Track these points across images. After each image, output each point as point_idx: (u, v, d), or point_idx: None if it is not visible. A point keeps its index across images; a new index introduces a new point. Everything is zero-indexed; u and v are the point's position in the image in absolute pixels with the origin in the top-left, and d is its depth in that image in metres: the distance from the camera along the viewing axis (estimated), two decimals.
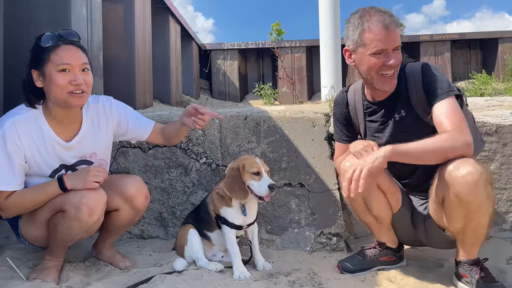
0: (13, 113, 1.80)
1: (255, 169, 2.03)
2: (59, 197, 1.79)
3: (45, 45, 1.75)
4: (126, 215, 2.02)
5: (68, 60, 1.76)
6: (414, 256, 2.33)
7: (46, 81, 1.77)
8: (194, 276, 1.97)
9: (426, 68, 1.89)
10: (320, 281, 1.97)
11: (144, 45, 4.18)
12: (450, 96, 1.79)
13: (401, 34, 7.67)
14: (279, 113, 2.56)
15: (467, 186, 1.64)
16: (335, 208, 2.44)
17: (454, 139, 1.70)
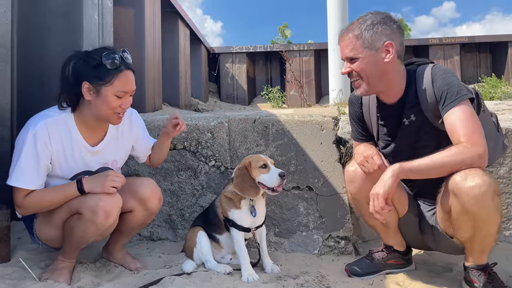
0: (46, 115, 1.85)
1: (262, 162, 2.07)
2: (76, 199, 1.82)
3: (110, 68, 1.77)
4: (139, 216, 2.05)
5: (127, 88, 1.82)
6: (422, 260, 2.32)
7: (98, 98, 1.80)
8: (203, 278, 1.99)
9: (436, 71, 1.84)
10: (328, 284, 1.97)
11: (154, 49, 4.23)
12: (462, 102, 1.73)
13: (409, 38, 7.65)
14: (287, 116, 2.57)
15: (474, 198, 1.62)
16: (343, 211, 2.45)
17: (463, 153, 1.66)
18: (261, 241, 2.22)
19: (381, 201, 1.71)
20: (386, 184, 1.72)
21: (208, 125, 2.59)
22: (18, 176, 1.77)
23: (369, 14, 1.85)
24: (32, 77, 2.74)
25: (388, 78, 1.86)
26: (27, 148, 1.76)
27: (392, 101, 1.94)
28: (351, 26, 1.87)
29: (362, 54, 1.82)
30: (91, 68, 1.78)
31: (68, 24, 2.73)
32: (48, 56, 2.74)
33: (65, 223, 1.88)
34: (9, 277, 1.89)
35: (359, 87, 1.89)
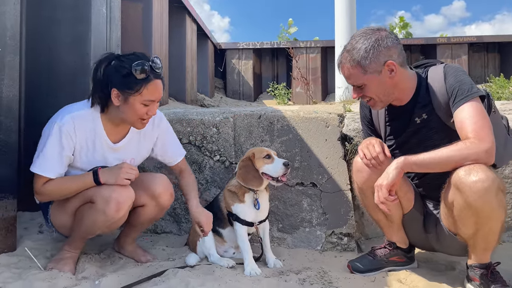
0: (74, 108, 1.92)
1: (265, 153, 2.11)
2: (91, 188, 1.88)
3: (139, 77, 1.80)
4: (151, 211, 2.09)
5: (155, 97, 1.87)
6: (425, 258, 2.33)
7: (126, 105, 1.86)
8: (206, 271, 2.00)
9: (449, 70, 1.85)
10: (330, 279, 1.98)
11: (161, 44, 4.25)
12: (473, 99, 1.73)
13: (410, 34, 7.57)
14: (293, 112, 2.58)
15: (477, 193, 1.63)
16: (346, 208, 2.46)
17: (469, 148, 1.66)
18: (264, 236, 2.23)
19: (384, 192, 1.73)
20: (390, 175, 1.74)
21: (214, 120, 2.60)
22: (41, 164, 1.84)
23: (360, 39, 1.85)
24: (40, 69, 2.76)
25: (399, 88, 1.90)
26: (53, 138, 1.83)
27: (403, 103, 1.96)
28: (346, 55, 1.88)
29: (367, 81, 1.85)
30: (121, 76, 1.82)
31: (76, 17, 2.74)
32: (56, 48, 2.76)
33: (77, 211, 1.94)
34: (15, 266, 1.92)
35: (375, 105, 1.95)
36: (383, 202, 1.76)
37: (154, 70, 1.84)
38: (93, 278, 1.87)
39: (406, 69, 1.91)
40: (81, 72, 2.76)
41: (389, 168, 1.76)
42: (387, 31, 1.88)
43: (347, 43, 1.92)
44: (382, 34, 1.85)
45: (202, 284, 1.83)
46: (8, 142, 2.05)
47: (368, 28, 1.89)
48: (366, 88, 1.88)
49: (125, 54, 1.91)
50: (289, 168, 2.08)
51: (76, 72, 2.76)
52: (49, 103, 2.74)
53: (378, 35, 1.84)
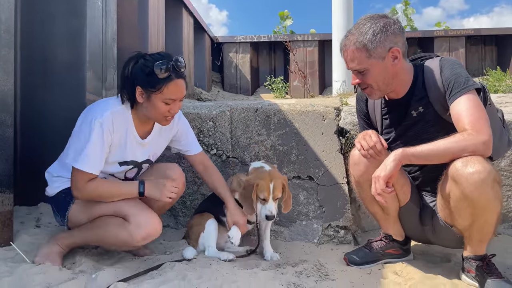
0: (110, 105, 1.95)
1: (262, 195, 2.09)
2: (130, 206, 1.93)
3: (161, 77, 1.84)
4: None
5: (176, 96, 1.91)
6: (421, 250, 2.34)
7: (148, 103, 1.91)
8: (203, 264, 2.01)
9: (445, 63, 1.85)
10: (326, 272, 1.99)
11: (157, 38, 4.22)
12: (469, 91, 1.74)
13: (414, 29, 7.57)
14: (289, 106, 2.58)
15: (474, 184, 1.63)
16: (343, 201, 2.46)
17: (467, 140, 1.66)
18: (266, 228, 2.25)
19: (381, 183, 1.73)
20: (388, 167, 1.73)
21: (210, 113, 2.60)
22: (85, 161, 1.85)
23: (367, 23, 1.84)
24: (36, 64, 2.74)
25: (398, 79, 1.90)
26: (95, 135, 1.85)
27: (399, 96, 1.97)
28: (351, 38, 1.86)
29: (370, 66, 1.84)
30: (144, 75, 1.87)
31: (71, 11, 2.72)
32: (51, 43, 2.74)
33: (101, 219, 1.95)
34: (11, 260, 1.92)
35: (371, 94, 1.93)
36: (380, 194, 1.76)
37: (176, 69, 1.87)
38: (90, 271, 1.87)
39: (406, 61, 1.91)
40: (77, 67, 2.74)
41: (387, 160, 1.76)
42: (393, 19, 1.87)
43: (352, 27, 1.90)
44: (390, 20, 1.84)
45: (199, 277, 1.83)
46: (4, 136, 2.04)
47: (374, 14, 1.88)
48: (367, 74, 1.86)
49: (151, 53, 1.94)
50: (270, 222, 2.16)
51: (72, 67, 2.74)
52: (46, 98, 2.74)
53: (386, 20, 1.84)
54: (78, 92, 2.74)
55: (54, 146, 2.58)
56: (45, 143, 2.70)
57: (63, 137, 2.50)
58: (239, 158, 2.57)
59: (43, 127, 2.73)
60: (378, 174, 1.76)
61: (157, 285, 1.73)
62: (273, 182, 2.08)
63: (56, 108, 2.73)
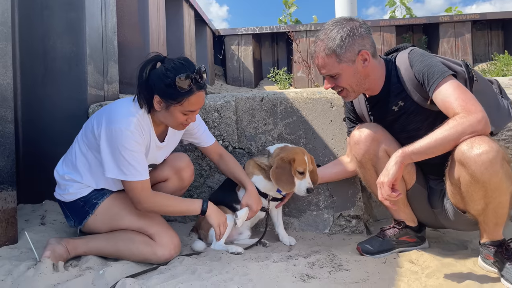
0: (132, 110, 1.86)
1: (301, 169, 2.07)
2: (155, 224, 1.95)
3: (182, 90, 1.78)
4: (172, 185, 2.16)
5: (196, 107, 1.87)
6: (435, 238, 2.28)
7: (166, 112, 1.86)
8: (212, 258, 1.96)
9: (414, 57, 1.86)
10: (340, 262, 1.93)
11: (158, 30, 4.16)
12: (445, 78, 1.74)
13: (414, 17, 7.44)
14: (296, 94, 2.51)
15: (483, 165, 1.59)
16: (354, 190, 2.40)
17: (461, 123, 1.63)
18: (278, 214, 2.27)
19: (386, 189, 1.70)
20: (390, 172, 1.70)
21: (215, 104, 2.53)
22: (133, 172, 1.82)
23: (334, 28, 1.86)
24: (36, 58, 2.69)
25: (370, 78, 1.93)
26: (130, 144, 1.80)
27: (376, 93, 1.99)
28: (321, 44, 1.88)
29: (341, 70, 1.87)
30: (164, 85, 1.79)
31: (69, 2, 2.66)
32: (50, 37, 2.69)
33: (124, 233, 1.94)
34: (16, 258, 1.87)
35: (347, 96, 1.98)
36: (387, 199, 1.73)
37: (198, 82, 1.81)
38: (97, 268, 1.82)
39: (377, 59, 1.93)
40: (77, 61, 2.69)
41: (388, 164, 1.72)
42: (359, 21, 1.89)
43: (320, 33, 1.91)
44: (356, 23, 1.87)
45: (209, 271, 1.78)
46: (4, 132, 1.99)
47: (340, 18, 1.91)
48: (339, 78, 1.89)
49: (172, 59, 1.84)
50: (310, 195, 2.14)
51: (72, 61, 2.70)
52: (47, 93, 2.69)
53: (352, 24, 1.86)
54: (79, 86, 2.68)
55: (57, 142, 2.55)
56: (47, 139, 2.66)
57: (65, 132, 2.47)
58: (246, 148, 2.51)
59: (45, 122, 2.68)
60: (382, 180, 1.72)
61: (166, 280, 1.68)
62: (306, 155, 2.11)
63: (57, 103, 2.68)
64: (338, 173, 2.32)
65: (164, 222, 2.03)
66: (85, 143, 1.95)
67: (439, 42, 6.66)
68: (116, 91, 3.11)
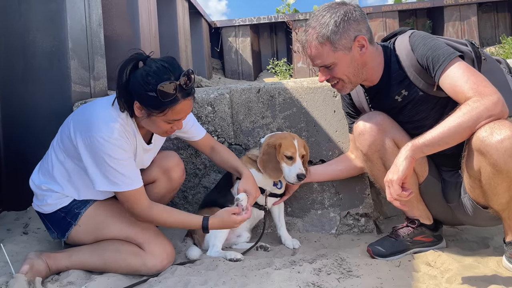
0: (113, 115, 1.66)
1: (289, 153, 1.93)
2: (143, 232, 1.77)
3: (165, 99, 1.56)
4: (161, 186, 2.00)
5: (180, 116, 1.67)
6: (452, 235, 2.09)
7: (148, 120, 1.66)
8: (208, 266, 1.79)
9: (415, 40, 1.69)
10: (349, 267, 1.74)
11: (150, 22, 3.96)
12: (452, 60, 1.57)
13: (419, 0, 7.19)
14: (295, 83, 2.31)
15: (506, 152, 1.42)
16: (362, 186, 2.21)
17: (476, 107, 1.47)
18: (279, 214, 2.12)
19: (396, 188, 1.52)
20: (400, 168, 1.52)
21: (208, 97, 2.34)
22: (127, 180, 1.65)
23: (326, 14, 1.70)
24: (14, 54, 2.52)
25: (368, 67, 1.76)
26: (116, 153, 1.62)
27: (375, 83, 1.82)
28: (312, 32, 1.71)
29: (336, 59, 1.70)
30: (144, 92, 1.57)
31: None
32: (29, 30, 2.51)
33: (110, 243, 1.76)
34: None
35: (343, 88, 1.80)
36: (396, 199, 1.55)
37: (184, 89, 1.59)
38: (80, 283, 1.65)
39: (374, 46, 1.77)
40: (59, 56, 2.51)
41: (397, 160, 1.55)
42: (352, 5, 1.74)
43: (310, 20, 1.75)
44: (350, 7, 1.71)
45: (204, 282, 1.61)
46: None
47: (332, 3, 1.75)
48: (335, 68, 1.72)
49: (155, 59, 1.61)
50: (302, 181, 1.94)
51: (54, 56, 2.52)
52: (28, 91, 2.52)
53: (345, 8, 1.70)
54: (62, 83, 2.51)
55: (39, 145, 2.36)
56: (29, 142, 2.49)
57: (48, 134, 2.27)
58: (243, 144, 2.32)
59: (26, 124, 2.51)
60: (391, 177, 1.54)
61: None
62: (296, 139, 1.97)
63: (39, 102, 2.51)
64: (343, 170, 2.14)
65: (155, 229, 1.85)
66: (62, 150, 1.75)
67: (444, 26, 6.43)
68: (104, 87, 2.92)
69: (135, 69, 1.61)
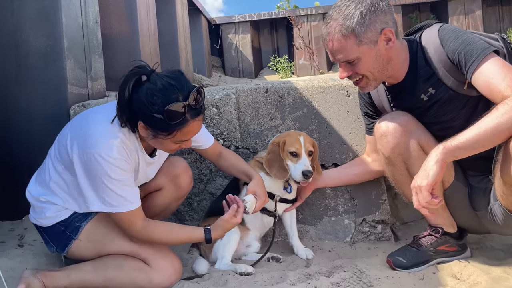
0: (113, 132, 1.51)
1: (293, 149, 1.84)
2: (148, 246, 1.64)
3: (173, 122, 1.43)
4: (168, 195, 1.89)
5: (189, 136, 1.55)
6: (476, 243, 1.97)
7: (155, 140, 1.53)
8: (217, 281, 1.67)
9: (445, 34, 1.57)
10: (370, 281, 1.62)
11: (148, 19, 3.82)
12: (486, 56, 1.45)
13: None
14: (305, 82, 2.18)
15: None
16: (378, 190, 2.08)
17: None
18: (291, 222, 2.01)
19: (426, 195, 1.41)
20: (430, 173, 1.40)
21: (213, 98, 2.20)
22: (125, 202, 1.52)
23: (351, 4, 1.56)
24: (7, 53, 2.38)
25: (393, 63, 1.64)
26: (115, 173, 1.49)
27: (399, 80, 1.70)
28: (335, 25, 1.57)
29: (361, 54, 1.58)
30: (150, 114, 1.43)
31: None
32: (22, 29, 2.37)
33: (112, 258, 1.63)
34: None
35: (366, 86, 1.68)
36: (425, 207, 1.44)
37: (194, 108, 1.45)
38: None
39: (399, 40, 1.66)
40: (54, 56, 2.38)
41: (427, 164, 1.43)
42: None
43: (331, 12, 1.61)
44: None
45: None
46: None
47: None
48: (359, 64, 1.60)
49: (160, 75, 1.46)
50: (309, 179, 1.82)
51: (48, 56, 2.38)
52: (21, 92, 2.39)
53: None
54: (58, 85, 2.37)
55: (34, 151, 2.23)
56: (23, 146, 2.35)
57: (43, 138, 2.13)
58: (251, 148, 2.19)
59: (20, 127, 2.37)
60: (419, 183, 1.42)
61: None
62: (302, 136, 1.88)
63: (33, 105, 2.37)
64: (359, 175, 2.01)
65: None
66: (59, 161, 1.60)
67: (448, 21, 6.30)
68: (102, 88, 2.78)
69: (137, 84, 1.45)
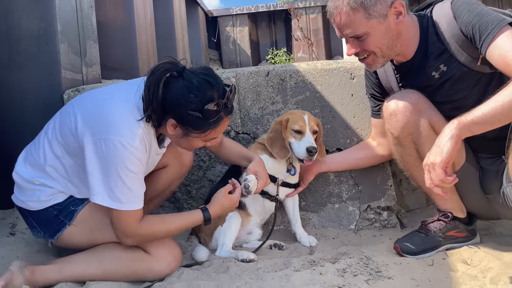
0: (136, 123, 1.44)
1: (297, 126, 1.78)
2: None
3: (210, 120, 1.42)
4: (172, 171, 1.88)
5: (220, 133, 1.57)
6: (484, 229, 1.91)
7: (183, 138, 1.50)
8: (218, 268, 1.60)
9: (458, 6, 1.51)
10: (377, 267, 1.55)
11: (145, 8, 3.74)
12: (502, 28, 1.39)
13: None
14: (308, 65, 2.11)
15: None
16: (383, 176, 2.01)
17: None
18: (294, 209, 1.95)
19: (439, 172, 1.34)
20: (444, 149, 1.34)
21: None
22: (133, 198, 1.44)
23: None
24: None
25: (403, 38, 1.58)
26: (133, 164, 1.42)
27: (408, 58, 1.64)
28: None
29: (370, 28, 1.52)
30: (186, 113, 1.41)
31: None
32: (14, 12, 2.28)
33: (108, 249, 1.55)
34: None
35: (374, 63, 1.62)
36: (438, 185, 1.37)
37: (228, 107, 1.46)
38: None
39: (409, 15, 1.60)
40: (47, 40, 2.29)
41: (440, 140, 1.37)
42: None
43: None
44: None
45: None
46: None
47: None
48: (367, 39, 1.54)
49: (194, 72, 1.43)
50: (313, 156, 1.75)
51: (41, 39, 2.29)
52: (13, 78, 2.30)
53: None
54: (51, 69, 2.28)
55: (26, 137, 2.14)
56: (15, 134, 2.26)
57: (36, 125, 2.03)
58: (251, 133, 2.12)
59: (13, 112, 2.29)
60: (432, 160, 1.36)
61: None
62: (306, 114, 1.83)
63: (26, 90, 2.28)
64: (363, 159, 1.94)
65: None
66: (60, 144, 1.50)
67: None
68: (97, 74, 2.70)
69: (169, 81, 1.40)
